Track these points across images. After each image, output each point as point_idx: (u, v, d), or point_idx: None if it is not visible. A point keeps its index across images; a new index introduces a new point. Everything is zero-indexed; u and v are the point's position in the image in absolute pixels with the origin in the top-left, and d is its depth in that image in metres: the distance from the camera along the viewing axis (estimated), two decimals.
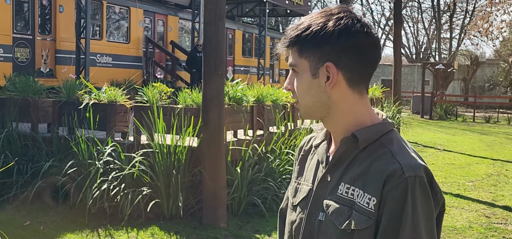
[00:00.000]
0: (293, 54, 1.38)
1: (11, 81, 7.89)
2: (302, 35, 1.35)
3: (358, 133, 1.33)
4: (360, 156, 1.34)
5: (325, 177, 1.39)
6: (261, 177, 6.83)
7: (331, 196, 1.35)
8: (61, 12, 12.88)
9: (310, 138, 1.57)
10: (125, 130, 7.03)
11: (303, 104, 1.39)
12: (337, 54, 1.33)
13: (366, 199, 1.28)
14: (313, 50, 1.34)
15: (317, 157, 1.47)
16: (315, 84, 1.35)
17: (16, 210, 6.52)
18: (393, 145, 1.33)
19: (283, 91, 8.72)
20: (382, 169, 1.28)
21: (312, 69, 1.35)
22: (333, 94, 1.35)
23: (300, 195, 1.47)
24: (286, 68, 25.42)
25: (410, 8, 43.89)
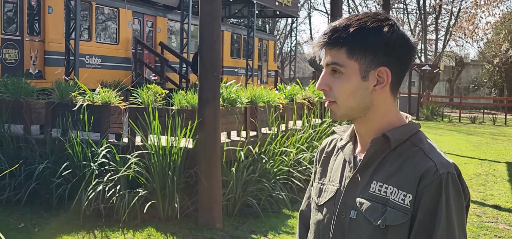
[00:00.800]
0: (339, 55, 1.38)
1: (3, 83, 7.82)
2: (355, 37, 1.36)
3: (389, 133, 1.39)
4: (391, 155, 1.39)
5: (356, 177, 1.44)
6: (255, 177, 6.86)
7: (363, 194, 1.40)
8: (50, 13, 12.81)
9: (332, 140, 1.61)
10: (120, 131, 7.02)
11: (345, 106, 1.40)
12: (389, 59, 1.38)
13: (401, 196, 1.34)
14: (365, 53, 1.36)
15: (342, 157, 1.51)
16: (363, 86, 1.38)
17: (10, 213, 6.48)
18: (423, 144, 1.40)
19: (276, 93, 8.77)
20: (416, 167, 1.34)
21: (362, 72, 1.37)
22: (376, 97, 1.40)
23: (326, 195, 1.51)
24: (274, 69, 25.49)
25: (396, 9, 44.18)
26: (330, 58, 1.38)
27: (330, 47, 1.38)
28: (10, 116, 7.28)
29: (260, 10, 23.50)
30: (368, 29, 1.36)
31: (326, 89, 1.41)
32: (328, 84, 1.40)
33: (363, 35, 1.35)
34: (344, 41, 1.36)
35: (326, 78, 1.41)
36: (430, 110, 26.15)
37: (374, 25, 1.36)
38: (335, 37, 1.37)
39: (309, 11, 48.63)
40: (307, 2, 45.84)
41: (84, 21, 14.01)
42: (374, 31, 1.36)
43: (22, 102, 7.36)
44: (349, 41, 1.36)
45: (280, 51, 42.86)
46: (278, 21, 43.92)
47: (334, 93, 1.40)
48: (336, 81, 1.39)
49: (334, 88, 1.39)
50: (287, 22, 43.54)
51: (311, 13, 49.99)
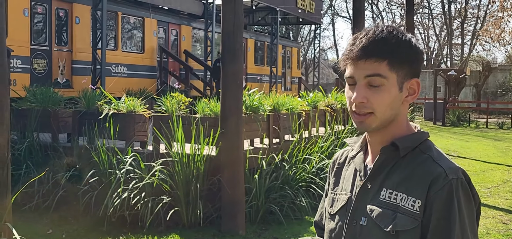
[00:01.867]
0: (381, 67, 1.40)
1: (32, 92, 8.03)
2: (396, 50, 1.41)
3: (398, 142, 1.45)
4: (401, 163, 1.45)
5: (366, 185, 1.49)
6: (278, 185, 6.90)
7: (373, 201, 1.45)
8: (77, 23, 13.07)
9: (344, 151, 1.67)
10: (145, 139, 7.14)
11: (382, 117, 1.43)
12: (417, 72, 1.46)
13: (411, 202, 1.39)
14: (403, 66, 1.42)
15: (353, 167, 1.57)
16: (398, 98, 1.44)
17: (39, 219, 6.64)
18: (432, 151, 1.45)
19: (299, 100, 8.81)
20: (426, 173, 1.40)
21: (399, 84, 1.43)
22: (402, 107, 1.47)
23: (338, 204, 1.57)
24: (298, 76, 25.50)
25: (421, 14, 43.83)
26: (371, 70, 1.41)
27: (371, 59, 1.40)
28: (39, 125, 7.48)
29: (283, 17, 23.56)
30: (403, 42, 1.42)
31: (364, 102, 1.42)
32: (365, 96, 1.42)
33: (401, 48, 1.41)
34: (386, 53, 1.40)
35: (364, 90, 1.42)
36: (457, 116, 25.82)
37: (406, 38, 1.43)
38: (377, 50, 1.40)
39: (333, 18, 48.49)
40: (330, 8, 45.76)
41: (110, 31, 14.26)
42: (408, 44, 1.43)
43: (50, 111, 7.55)
44: (391, 54, 1.40)
45: (304, 57, 42.83)
46: (302, 28, 43.92)
47: (373, 105, 1.42)
48: (376, 94, 1.41)
49: (372, 100, 1.42)
50: (310, 29, 43.53)
51: (334, 19, 49.85)
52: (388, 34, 1.41)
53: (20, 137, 7.53)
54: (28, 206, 6.84)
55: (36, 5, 12.16)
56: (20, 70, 11.51)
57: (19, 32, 11.51)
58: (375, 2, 44.58)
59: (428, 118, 26.92)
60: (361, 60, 1.41)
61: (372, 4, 44.36)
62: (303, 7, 22.34)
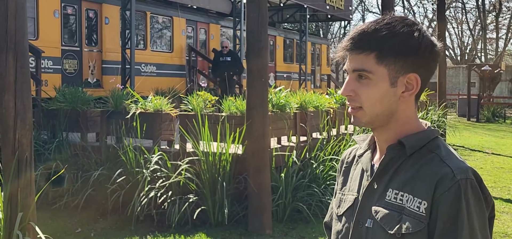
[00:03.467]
0: (367, 60, 1.34)
1: (61, 93, 8.14)
2: (385, 42, 1.32)
3: (404, 140, 1.36)
4: (407, 163, 1.37)
5: (372, 185, 1.42)
6: (305, 183, 6.83)
7: (379, 202, 1.38)
8: (106, 23, 13.22)
9: (352, 150, 1.60)
10: (171, 138, 7.16)
11: (371, 113, 1.37)
12: (418, 66, 1.35)
13: (416, 203, 1.30)
14: (396, 59, 1.33)
15: (361, 166, 1.50)
16: (390, 93, 1.36)
17: (68, 218, 6.73)
18: (440, 150, 1.36)
19: (326, 97, 8.71)
20: (432, 173, 1.31)
21: (391, 78, 1.35)
22: (401, 104, 1.37)
23: (345, 204, 1.50)
24: (327, 73, 25.32)
25: (454, 8, 43.04)
26: (357, 64, 1.35)
27: (358, 52, 1.34)
28: (68, 124, 7.57)
29: (312, 14, 23.42)
30: (399, 34, 1.32)
31: (351, 95, 1.37)
32: (353, 89, 1.37)
33: (394, 40, 1.32)
34: (374, 46, 1.33)
35: (352, 83, 1.37)
36: (491, 112, 25.26)
37: (404, 30, 1.33)
38: (364, 42, 1.33)
39: (363, 14, 48.03)
40: (361, 4, 45.33)
41: (139, 31, 14.38)
42: (404, 36, 1.33)
43: (79, 111, 7.64)
44: (379, 46, 1.32)
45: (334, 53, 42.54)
46: (332, 25, 43.64)
47: (361, 99, 1.36)
48: (363, 87, 1.35)
49: (360, 94, 1.36)
50: (340, 25, 43.21)
51: (365, 15, 49.36)
52: (383, 25, 1.33)
53: (50, 137, 7.64)
54: (58, 204, 6.93)
55: (66, 6, 12.35)
56: (51, 71, 11.70)
57: (49, 33, 11.69)
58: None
59: (461, 114, 26.42)
60: (350, 52, 1.36)
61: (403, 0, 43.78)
62: (332, 4, 22.15)
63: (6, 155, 4.19)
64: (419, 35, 1.34)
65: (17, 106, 4.05)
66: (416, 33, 1.34)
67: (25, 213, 4.07)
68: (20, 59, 4.08)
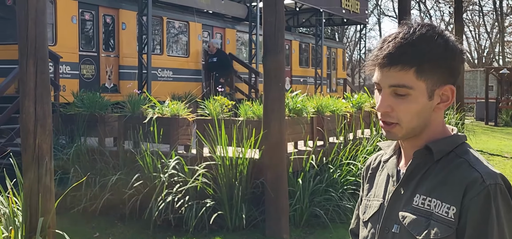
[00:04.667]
0: (406, 76, 1.30)
1: (79, 98, 8.21)
2: (424, 56, 1.30)
3: (432, 145, 1.35)
4: (435, 168, 1.36)
5: (398, 190, 1.41)
6: (322, 187, 6.81)
7: (406, 207, 1.37)
8: (123, 29, 13.32)
9: (377, 156, 1.59)
10: (188, 143, 7.18)
11: (409, 127, 1.35)
12: (451, 76, 1.34)
13: (445, 209, 1.29)
14: (432, 72, 1.31)
15: (386, 172, 1.49)
16: (428, 106, 1.34)
17: (86, 222, 6.77)
18: (468, 155, 1.35)
19: (343, 102, 8.68)
20: (461, 178, 1.30)
21: (429, 91, 1.33)
22: (434, 114, 1.36)
23: (371, 210, 1.50)
24: (343, 77, 25.24)
25: (470, 11, 42.67)
26: (396, 80, 1.31)
27: (396, 68, 1.30)
28: (86, 129, 7.63)
29: (328, 18, 23.37)
30: (435, 46, 1.30)
31: (388, 111, 1.34)
32: (390, 105, 1.34)
33: (433, 53, 1.30)
34: (414, 61, 1.29)
35: (388, 99, 1.33)
36: (510, 116, 24.95)
37: (440, 41, 1.31)
38: (402, 57, 1.30)
39: (379, 17, 47.82)
40: (376, 8, 45.14)
41: (155, 36, 14.46)
42: (442, 47, 1.31)
43: (97, 116, 7.69)
44: (419, 61, 1.29)
45: (350, 58, 42.39)
46: (348, 28, 43.51)
47: (398, 115, 1.33)
48: (401, 103, 1.32)
49: (397, 110, 1.33)
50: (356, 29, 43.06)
51: (381, 19, 49.14)
52: (418, 37, 1.30)
53: (68, 141, 7.70)
54: (76, 209, 6.98)
55: (84, 12, 12.46)
56: (69, 76, 11.80)
57: (67, 39, 11.80)
58: (422, 1, 43.71)
59: (479, 118, 26.14)
60: (386, 68, 1.32)
61: (419, 3, 43.49)
62: (348, 8, 22.09)
63: (26, 160, 4.23)
64: (452, 44, 1.33)
65: (37, 112, 4.09)
66: (450, 43, 1.33)
67: (45, 217, 4.10)
68: (40, 65, 4.12)
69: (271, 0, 6.07)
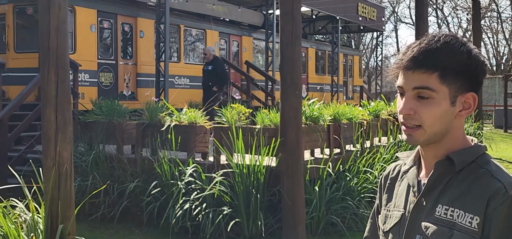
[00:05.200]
0: (430, 79, 1.34)
1: (98, 105, 8.30)
2: (448, 61, 1.34)
3: (453, 156, 1.37)
4: (457, 178, 1.37)
5: (420, 201, 1.42)
6: (339, 195, 6.80)
7: (429, 218, 1.38)
8: (141, 37, 13.44)
9: (396, 166, 1.60)
10: (206, 151, 7.22)
11: (431, 131, 1.37)
12: (474, 85, 1.38)
13: (468, 218, 1.31)
14: (456, 78, 1.35)
15: (406, 182, 1.50)
16: (450, 112, 1.37)
17: (104, 229, 6.84)
18: (490, 165, 1.37)
19: (359, 109, 8.66)
20: (484, 189, 1.32)
21: (452, 97, 1.36)
22: (456, 121, 1.39)
23: (391, 221, 1.51)
24: (360, 84, 25.17)
25: (489, 18, 42.26)
26: (420, 82, 1.35)
27: (421, 70, 1.35)
28: (105, 137, 7.71)
29: (344, 26, 23.34)
30: (459, 53, 1.34)
31: (411, 114, 1.37)
32: (413, 108, 1.37)
33: (456, 59, 1.34)
34: (438, 65, 1.34)
35: (411, 102, 1.37)
36: None
37: (463, 49, 1.35)
38: (427, 60, 1.34)
39: (396, 24, 47.61)
40: (393, 15, 44.95)
41: (173, 44, 14.57)
42: (464, 56, 1.35)
43: (115, 123, 7.77)
44: (443, 66, 1.34)
45: (366, 65, 42.25)
46: (364, 36, 43.39)
47: (421, 118, 1.36)
48: (424, 106, 1.36)
49: (420, 113, 1.36)
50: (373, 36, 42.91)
51: (398, 26, 48.90)
52: (442, 45, 1.34)
53: (87, 149, 7.78)
54: (94, 215, 7.05)
55: (102, 20, 12.61)
56: (88, 83, 11.93)
57: (86, 47, 11.95)
58: (440, 7, 43.42)
59: (498, 126, 25.86)
60: (410, 71, 1.36)
61: (437, 9, 43.21)
62: (365, 15, 22.06)
63: (47, 168, 4.29)
64: (475, 54, 1.36)
65: (58, 120, 4.16)
66: (473, 52, 1.36)
67: (66, 224, 4.16)
68: (61, 74, 4.19)
69: (288, 8, 6.10)
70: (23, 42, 11.66)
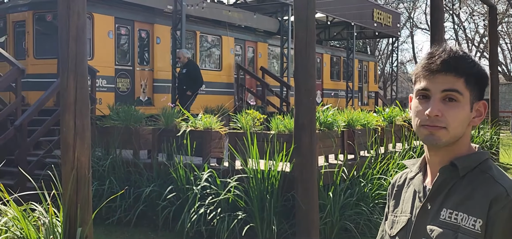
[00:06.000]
0: (458, 83, 1.43)
1: (115, 111, 8.42)
2: (471, 69, 1.45)
3: (457, 162, 1.45)
4: (460, 183, 1.44)
5: (426, 206, 1.49)
6: (353, 201, 6.83)
7: (433, 222, 1.45)
8: (158, 43, 13.59)
9: (402, 174, 1.67)
10: (221, 156, 7.30)
11: (453, 133, 1.45)
12: (482, 95, 1.49)
13: (472, 221, 1.38)
14: (474, 86, 1.46)
15: (413, 188, 1.57)
16: (468, 117, 1.47)
17: (120, 233, 6.94)
18: (493, 171, 1.44)
19: (374, 115, 8.68)
20: (486, 193, 1.39)
21: (471, 103, 1.46)
22: (468, 128, 1.49)
23: (398, 225, 1.58)
24: (375, 90, 25.09)
25: (505, 24, 41.86)
26: (450, 85, 1.43)
27: (451, 74, 1.43)
28: (121, 142, 7.82)
29: (359, 32, 23.32)
30: (477, 63, 1.46)
31: (439, 115, 1.43)
32: (440, 110, 1.44)
33: (476, 68, 1.45)
34: (465, 71, 1.44)
35: (439, 104, 1.44)
36: None
37: (477, 62, 1.47)
38: (457, 65, 1.43)
39: (412, 30, 47.33)
40: (409, 20, 44.73)
41: (189, 50, 14.69)
42: (480, 67, 1.47)
43: (132, 128, 7.88)
44: (468, 72, 1.44)
45: (382, 71, 42.06)
46: (380, 41, 43.23)
47: (447, 120, 1.43)
48: (451, 109, 1.43)
49: (446, 115, 1.43)
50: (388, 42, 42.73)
51: (413, 32, 48.63)
52: (464, 54, 1.45)
53: (104, 154, 7.90)
54: (111, 219, 7.15)
55: (120, 27, 12.77)
56: (105, 89, 12.09)
57: (104, 53, 12.12)
58: (456, 13, 43.13)
59: None
60: (440, 74, 1.44)
61: (453, 15, 42.92)
62: (380, 21, 22.02)
63: (65, 172, 4.40)
64: (483, 67, 1.48)
65: (76, 126, 4.26)
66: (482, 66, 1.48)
67: (84, 228, 4.26)
68: (80, 81, 4.30)
69: (302, 15, 6.16)
70: (42, 49, 11.86)
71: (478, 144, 11.08)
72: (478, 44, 43.54)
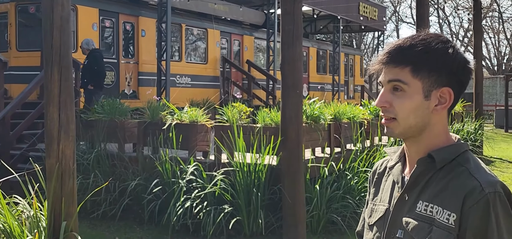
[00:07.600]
0: (403, 72, 1.40)
1: (100, 104, 8.33)
2: (421, 56, 1.39)
3: (435, 154, 1.41)
4: (437, 175, 1.41)
5: (403, 196, 1.47)
6: (339, 194, 6.84)
7: (410, 213, 1.43)
8: (143, 36, 13.49)
9: (383, 161, 1.65)
10: (207, 149, 7.26)
11: (405, 124, 1.42)
12: (451, 80, 1.41)
13: (446, 215, 1.35)
14: (430, 73, 1.40)
15: (392, 178, 1.55)
16: (424, 106, 1.41)
17: (106, 227, 6.88)
18: (470, 163, 1.40)
19: (360, 109, 8.70)
20: (461, 186, 1.35)
21: (425, 91, 1.41)
22: (434, 117, 1.43)
23: (376, 215, 1.56)
24: (361, 84, 25.19)
25: (490, 18, 42.24)
26: (393, 75, 1.41)
27: (394, 64, 1.41)
28: (106, 135, 7.75)
29: (345, 25, 23.37)
30: (433, 50, 1.39)
31: (386, 106, 1.43)
32: (388, 101, 1.43)
33: (428, 55, 1.39)
34: (410, 60, 1.39)
35: (386, 95, 1.43)
36: None
37: (439, 46, 1.39)
38: (400, 55, 1.40)
39: (397, 24, 47.59)
40: (394, 15, 44.95)
41: (174, 43, 14.61)
42: (439, 52, 1.39)
43: (117, 122, 7.80)
44: (415, 60, 1.39)
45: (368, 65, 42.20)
46: (366, 35, 43.40)
47: (395, 110, 1.42)
48: (398, 99, 1.41)
49: (394, 105, 1.42)
50: (374, 36, 42.93)
51: (399, 25, 48.89)
52: (419, 42, 1.40)
53: (89, 147, 7.82)
54: (96, 213, 7.09)
55: (104, 19, 12.65)
56: None
57: None
58: (441, 7, 43.41)
59: (499, 125, 25.87)
60: (388, 66, 1.43)
61: (438, 9, 43.20)
62: (366, 15, 22.09)
63: (50, 165, 4.33)
64: (453, 52, 1.40)
65: (61, 118, 4.20)
66: (450, 50, 1.40)
67: (68, 222, 4.20)
68: (64, 73, 4.24)
69: (289, 8, 6.13)
70: (25, 41, 11.71)
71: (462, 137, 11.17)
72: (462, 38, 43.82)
